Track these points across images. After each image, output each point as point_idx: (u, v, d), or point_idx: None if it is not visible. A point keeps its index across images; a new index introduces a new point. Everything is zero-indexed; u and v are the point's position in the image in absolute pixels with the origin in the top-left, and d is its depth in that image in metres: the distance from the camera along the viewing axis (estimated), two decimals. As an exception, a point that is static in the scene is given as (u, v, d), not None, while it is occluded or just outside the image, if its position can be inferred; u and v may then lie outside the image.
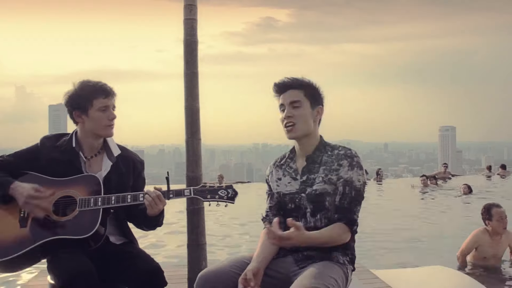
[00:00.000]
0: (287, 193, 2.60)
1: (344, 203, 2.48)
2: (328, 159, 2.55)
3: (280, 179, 2.66)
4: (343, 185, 2.48)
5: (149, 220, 2.80)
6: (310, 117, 2.57)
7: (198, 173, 3.51)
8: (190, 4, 3.54)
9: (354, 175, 2.49)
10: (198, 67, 3.54)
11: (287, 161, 2.69)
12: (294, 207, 2.57)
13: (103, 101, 2.80)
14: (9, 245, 2.61)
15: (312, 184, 2.52)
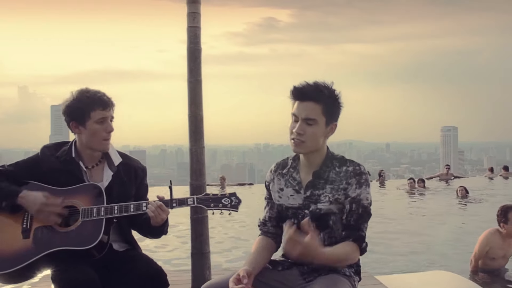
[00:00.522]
0: (289, 206, 2.49)
1: (351, 220, 2.39)
2: (336, 177, 2.42)
3: (282, 190, 2.54)
4: (350, 203, 2.39)
5: (154, 229, 2.77)
6: (322, 135, 2.43)
7: (202, 181, 3.50)
8: (193, 12, 3.53)
9: (363, 193, 2.39)
10: (202, 74, 3.53)
11: (290, 171, 2.55)
12: (296, 222, 2.46)
13: (101, 112, 2.75)
14: (12, 256, 2.59)
15: (316, 201, 2.42)
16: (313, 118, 2.37)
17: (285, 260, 2.54)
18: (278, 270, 2.49)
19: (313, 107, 2.38)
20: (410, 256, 7.66)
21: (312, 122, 2.37)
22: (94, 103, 2.74)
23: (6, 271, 2.57)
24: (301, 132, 2.38)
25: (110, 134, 2.82)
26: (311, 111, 2.38)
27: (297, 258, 2.33)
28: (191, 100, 3.52)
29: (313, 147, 2.42)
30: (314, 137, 2.39)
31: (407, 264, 7.12)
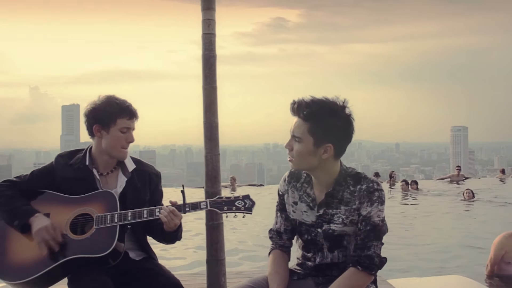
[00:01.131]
0: (303, 222, 2.46)
1: (358, 239, 2.35)
2: (351, 198, 2.36)
3: (296, 204, 2.49)
4: (361, 221, 2.34)
5: (167, 234, 2.78)
6: (311, 155, 2.31)
7: (217, 188, 3.49)
8: (208, 19, 3.52)
9: (374, 210, 2.32)
10: (217, 81, 3.54)
11: (304, 186, 2.48)
12: (310, 239, 2.45)
13: (126, 122, 2.80)
14: (29, 265, 2.61)
15: (329, 221, 2.38)
16: (299, 136, 2.32)
17: (300, 270, 2.54)
18: (293, 279, 2.49)
19: (300, 125, 2.32)
20: (417, 261, 7.61)
21: (298, 140, 2.32)
22: (123, 111, 2.79)
23: (23, 280, 2.58)
24: (288, 147, 2.36)
25: (129, 144, 2.85)
26: (296, 128, 2.33)
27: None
28: (206, 107, 3.51)
29: (303, 166, 2.37)
30: (300, 156, 2.33)
31: (416, 268, 7.08)
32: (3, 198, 2.75)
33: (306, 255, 2.52)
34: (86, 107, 2.84)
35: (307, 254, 2.51)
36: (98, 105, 2.81)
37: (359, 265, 2.30)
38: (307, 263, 2.51)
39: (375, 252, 2.32)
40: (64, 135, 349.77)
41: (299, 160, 2.34)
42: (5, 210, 2.73)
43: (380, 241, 2.35)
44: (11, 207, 2.71)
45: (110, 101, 2.81)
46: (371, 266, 2.31)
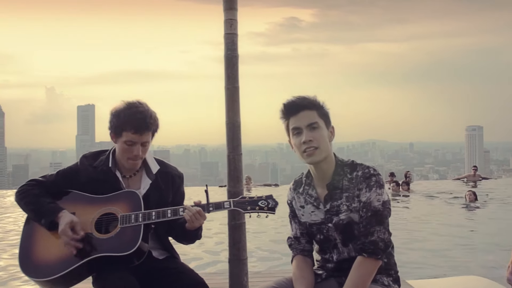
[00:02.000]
0: (313, 223, 2.49)
1: (360, 226, 2.36)
2: (350, 185, 2.41)
3: (303, 207, 2.54)
4: (362, 208, 2.36)
5: (188, 233, 2.79)
6: (327, 138, 2.42)
7: (239, 188, 3.49)
8: (230, 19, 3.51)
9: (372, 195, 2.35)
10: (240, 81, 3.54)
11: (305, 189, 2.54)
12: (323, 237, 2.47)
13: (131, 136, 2.74)
14: (55, 263, 2.63)
15: (337, 213, 2.41)
16: (315, 121, 2.39)
17: (322, 272, 2.55)
18: (316, 281, 2.50)
19: (310, 113, 2.41)
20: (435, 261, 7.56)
21: (316, 125, 2.39)
22: (127, 124, 2.74)
23: (49, 278, 2.60)
24: (310, 138, 2.37)
25: (138, 156, 2.80)
26: (311, 117, 2.40)
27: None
28: (229, 107, 3.51)
29: (325, 152, 2.41)
30: (323, 140, 2.39)
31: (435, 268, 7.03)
32: (30, 197, 2.78)
33: (323, 257, 2.54)
34: (111, 110, 2.84)
35: (324, 255, 2.52)
36: (113, 113, 2.79)
37: (364, 252, 2.31)
38: (327, 265, 2.52)
39: (379, 237, 2.32)
40: (80, 135, 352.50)
41: (323, 146, 2.39)
42: (32, 208, 2.75)
43: (383, 226, 2.35)
44: (38, 206, 2.74)
45: (122, 111, 2.76)
46: (376, 251, 2.31)
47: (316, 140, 2.37)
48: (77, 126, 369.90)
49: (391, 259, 2.50)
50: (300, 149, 2.40)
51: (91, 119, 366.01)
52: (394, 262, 2.52)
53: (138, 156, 2.79)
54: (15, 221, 12.12)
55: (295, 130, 2.42)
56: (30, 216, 2.78)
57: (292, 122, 2.43)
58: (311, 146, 2.37)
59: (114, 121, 2.77)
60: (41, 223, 2.70)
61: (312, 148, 2.37)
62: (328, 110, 2.47)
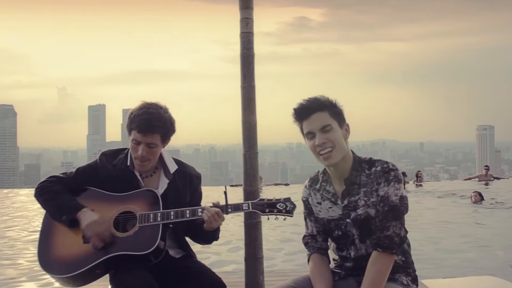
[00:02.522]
0: (330, 219, 2.48)
1: (376, 220, 2.35)
2: (368, 180, 2.41)
3: (320, 204, 2.54)
4: (379, 202, 2.36)
5: (206, 234, 2.80)
6: (342, 138, 2.42)
7: (256, 187, 3.49)
8: (246, 17, 3.52)
9: (391, 190, 2.35)
10: (255, 80, 3.53)
11: (322, 185, 2.54)
12: (341, 234, 2.46)
13: (136, 135, 2.75)
14: (73, 261, 2.64)
15: (355, 208, 2.40)
16: (328, 124, 2.38)
17: (340, 270, 2.54)
18: (334, 280, 2.49)
19: (322, 115, 2.39)
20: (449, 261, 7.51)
21: (329, 128, 2.37)
22: (134, 123, 2.76)
23: (68, 274, 2.62)
24: (324, 141, 2.37)
25: (145, 158, 2.79)
26: (323, 119, 2.39)
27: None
28: (245, 106, 3.51)
29: (342, 153, 2.40)
30: (337, 141, 2.38)
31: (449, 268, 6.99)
32: (50, 193, 2.80)
33: (341, 255, 2.52)
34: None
35: (342, 253, 2.51)
36: (129, 111, 2.83)
37: (379, 247, 2.31)
38: (345, 264, 2.51)
39: (394, 231, 2.32)
40: (91, 135, 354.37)
41: (339, 147, 2.39)
42: (53, 205, 2.77)
43: (399, 221, 2.34)
44: (59, 202, 2.76)
45: (135, 110, 2.79)
46: (392, 245, 2.30)
47: (330, 141, 2.37)
48: (88, 126, 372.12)
49: (408, 258, 2.49)
50: (315, 152, 2.40)
51: (102, 119, 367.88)
52: (411, 261, 2.50)
53: (143, 157, 2.78)
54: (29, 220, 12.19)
55: (308, 134, 2.43)
56: (50, 212, 2.80)
57: (305, 126, 2.44)
58: (326, 148, 2.37)
59: (127, 120, 2.81)
60: (62, 220, 2.72)
61: (327, 150, 2.37)
62: (341, 108, 2.47)
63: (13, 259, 7.72)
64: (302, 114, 2.43)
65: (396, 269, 2.39)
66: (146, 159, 2.79)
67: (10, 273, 6.78)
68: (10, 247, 8.75)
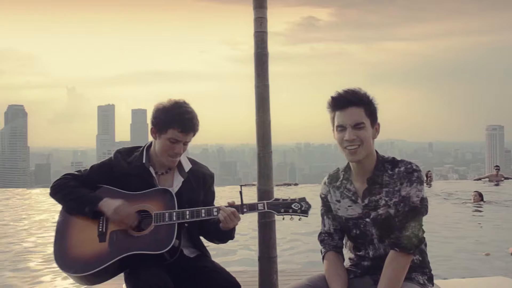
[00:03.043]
0: (349, 217, 2.48)
1: (396, 220, 2.35)
2: (390, 180, 2.40)
3: (339, 201, 2.52)
4: (400, 202, 2.35)
5: (221, 233, 2.80)
6: (371, 137, 2.42)
7: (270, 186, 3.49)
8: (260, 17, 3.52)
9: (412, 190, 2.35)
10: (269, 79, 3.54)
11: (343, 183, 2.53)
12: (359, 233, 2.46)
13: (177, 134, 2.76)
14: (89, 259, 2.65)
15: (376, 208, 2.40)
16: (361, 122, 2.36)
17: (355, 269, 2.53)
18: (350, 278, 2.49)
19: (357, 111, 2.37)
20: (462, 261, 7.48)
21: (362, 126, 2.36)
22: (175, 122, 2.75)
23: (84, 273, 2.63)
24: (354, 137, 2.35)
25: (178, 155, 2.83)
26: (357, 116, 2.37)
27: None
28: (259, 105, 3.51)
29: (367, 151, 2.39)
30: (366, 140, 2.37)
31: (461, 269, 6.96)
32: (68, 189, 2.81)
33: (358, 254, 2.52)
34: (154, 105, 2.85)
35: (359, 252, 2.51)
36: (160, 109, 2.80)
37: (397, 247, 2.31)
38: (362, 263, 2.50)
39: (413, 232, 2.32)
40: (100, 135, 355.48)
41: (366, 146, 2.38)
42: (72, 198, 2.78)
43: (419, 222, 2.34)
44: (78, 195, 2.77)
45: (171, 108, 2.78)
46: (409, 246, 2.31)
47: (360, 139, 2.36)
48: (97, 126, 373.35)
49: (425, 258, 2.48)
50: (342, 145, 2.40)
51: (111, 119, 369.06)
52: (428, 261, 2.50)
53: (179, 154, 2.81)
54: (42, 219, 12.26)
55: (339, 127, 2.40)
56: (70, 207, 2.80)
57: (338, 117, 2.41)
58: (354, 145, 2.36)
59: (162, 117, 2.77)
60: (85, 212, 2.73)
61: (354, 146, 2.36)
62: (376, 106, 2.45)
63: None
64: (338, 104, 2.41)
65: (413, 268, 2.39)
66: (179, 155, 2.83)
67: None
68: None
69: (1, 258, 7.69)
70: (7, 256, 7.85)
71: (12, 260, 7.56)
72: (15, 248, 8.53)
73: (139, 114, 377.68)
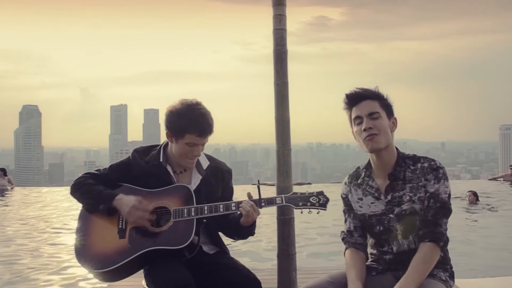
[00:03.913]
0: (372, 214, 2.49)
1: (428, 215, 2.35)
2: (413, 176, 2.41)
3: (361, 199, 2.54)
4: (428, 198, 2.36)
5: (242, 229, 2.80)
6: (388, 128, 2.45)
7: (289, 183, 3.48)
8: (279, 14, 3.52)
9: (441, 187, 2.36)
10: (288, 76, 3.54)
11: (365, 180, 2.55)
12: (382, 229, 2.46)
13: (195, 138, 2.76)
14: (109, 256, 2.67)
15: (399, 203, 2.41)
16: (376, 111, 2.43)
17: (377, 265, 2.52)
18: (372, 275, 2.48)
19: (371, 103, 2.45)
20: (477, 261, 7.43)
21: (377, 115, 2.42)
22: (192, 128, 2.75)
23: (104, 269, 2.64)
24: (370, 126, 2.40)
25: (197, 157, 2.86)
26: (371, 107, 2.44)
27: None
28: (278, 102, 3.51)
29: (386, 141, 2.42)
30: (383, 129, 2.41)
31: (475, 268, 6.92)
32: (86, 186, 2.84)
33: (381, 250, 2.51)
34: (166, 108, 2.84)
35: (382, 248, 2.50)
36: (173, 113, 2.78)
37: (429, 239, 2.32)
38: (384, 257, 2.49)
39: (445, 229, 2.35)
40: (113, 135, 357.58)
41: (384, 134, 2.42)
42: (89, 196, 2.80)
43: (447, 219, 2.37)
44: (95, 193, 2.79)
45: (185, 112, 2.76)
46: (441, 238, 2.33)
47: (376, 128, 2.40)
48: (110, 126, 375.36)
49: (446, 254, 2.48)
50: (361, 137, 2.43)
51: (124, 119, 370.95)
52: (449, 258, 2.49)
53: (198, 156, 2.84)
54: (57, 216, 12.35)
55: (356, 119, 2.46)
56: (87, 204, 2.83)
57: (354, 111, 2.48)
58: (372, 134, 2.40)
59: (176, 122, 2.76)
60: (100, 209, 2.75)
61: (372, 135, 2.40)
62: (391, 103, 2.52)
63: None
64: (353, 100, 2.49)
65: (435, 264, 2.38)
66: (198, 157, 2.86)
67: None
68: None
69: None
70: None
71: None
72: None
73: (151, 114, 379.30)
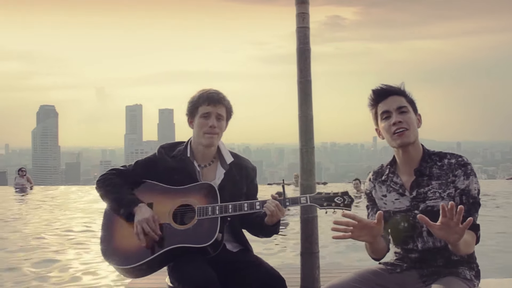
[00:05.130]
0: (397, 210, 2.46)
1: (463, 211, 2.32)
2: (441, 172, 2.39)
3: (385, 196, 2.53)
4: (460, 195, 2.33)
5: (266, 228, 2.80)
6: (415, 123, 2.46)
7: (312, 181, 3.48)
8: (302, 12, 3.52)
9: (471, 183, 2.34)
10: (311, 75, 3.54)
11: (389, 176, 2.54)
12: (407, 226, 2.43)
13: (206, 107, 2.86)
14: (134, 253, 2.69)
15: (424, 199, 2.38)
16: (404, 105, 2.45)
17: (401, 263, 2.51)
18: (396, 272, 2.48)
19: (398, 98, 2.47)
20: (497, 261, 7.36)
21: (406, 109, 2.43)
22: (201, 99, 2.87)
23: (130, 266, 2.66)
24: (400, 120, 2.41)
25: (215, 130, 2.88)
26: (399, 101, 2.45)
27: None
28: (302, 100, 3.51)
29: (415, 135, 2.43)
30: (412, 123, 2.42)
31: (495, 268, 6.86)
32: (111, 186, 2.87)
33: (405, 248, 2.49)
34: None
35: (407, 246, 2.48)
36: (190, 100, 2.94)
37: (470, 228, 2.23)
38: (409, 255, 2.47)
39: (478, 224, 2.33)
40: (128, 134, 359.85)
41: (412, 128, 2.43)
42: (113, 198, 2.83)
43: (478, 214, 2.37)
44: (118, 196, 2.81)
45: (198, 93, 2.92)
46: (478, 229, 2.32)
47: (406, 122, 2.41)
48: (125, 125, 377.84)
49: (473, 252, 2.44)
50: (390, 131, 2.43)
51: (139, 119, 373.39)
52: (475, 256, 2.46)
53: (214, 127, 2.86)
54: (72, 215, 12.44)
55: (384, 114, 2.47)
56: (110, 203, 2.86)
57: (381, 106, 2.49)
58: (401, 128, 2.40)
59: (191, 103, 2.92)
60: (120, 213, 2.78)
61: (402, 129, 2.40)
62: (415, 100, 2.53)
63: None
64: (380, 96, 2.51)
65: (460, 262, 2.38)
66: (215, 131, 2.87)
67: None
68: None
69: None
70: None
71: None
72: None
73: (166, 114, 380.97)
